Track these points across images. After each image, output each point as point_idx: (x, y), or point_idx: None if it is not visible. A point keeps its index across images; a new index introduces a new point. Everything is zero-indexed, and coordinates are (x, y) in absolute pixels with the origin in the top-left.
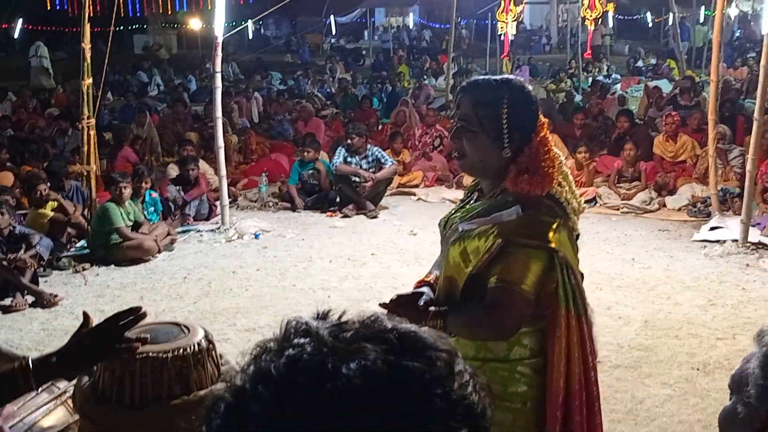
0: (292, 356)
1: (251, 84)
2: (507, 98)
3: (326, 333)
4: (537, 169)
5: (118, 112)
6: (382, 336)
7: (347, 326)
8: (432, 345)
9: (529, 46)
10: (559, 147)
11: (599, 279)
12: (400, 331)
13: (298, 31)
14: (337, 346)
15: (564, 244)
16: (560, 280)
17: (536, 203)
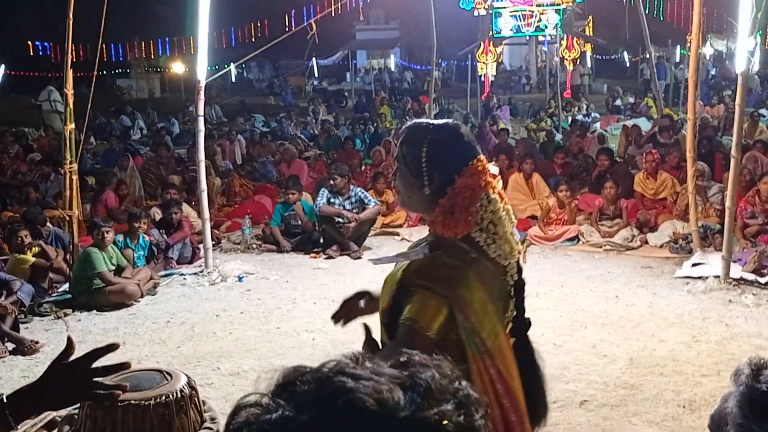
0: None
1: (234, 126)
2: (429, 138)
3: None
4: (453, 212)
5: (101, 156)
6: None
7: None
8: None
9: (509, 86)
10: (541, 185)
11: (583, 317)
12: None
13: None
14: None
15: (472, 291)
16: (458, 323)
17: (447, 245)
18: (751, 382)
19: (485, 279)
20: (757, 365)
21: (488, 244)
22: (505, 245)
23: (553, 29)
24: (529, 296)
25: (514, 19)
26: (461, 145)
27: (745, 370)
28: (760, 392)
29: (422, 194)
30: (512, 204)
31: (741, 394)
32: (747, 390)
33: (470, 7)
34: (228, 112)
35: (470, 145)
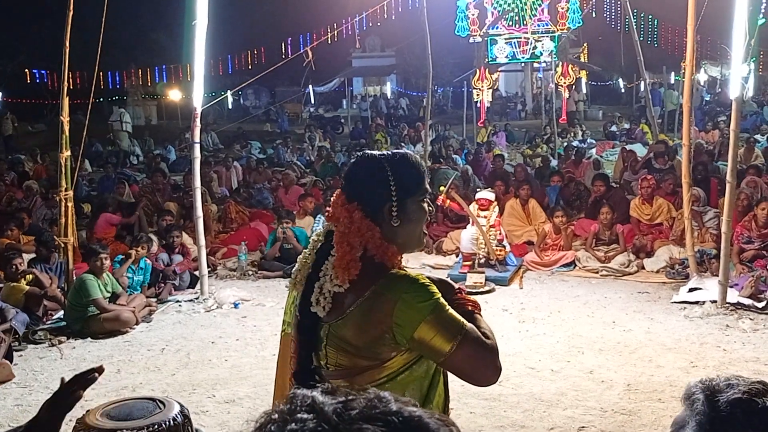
0: (293, 431)
1: (231, 153)
2: (389, 168)
3: (330, 410)
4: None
5: (97, 183)
6: (385, 418)
7: (353, 404)
8: (435, 431)
9: (504, 112)
10: (537, 211)
11: (580, 342)
12: (403, 415)
13: (277, 100)
14: (339, 426)
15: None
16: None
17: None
18: (709, 411)
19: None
20: (710, 390)
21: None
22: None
23: (549, 56)
24: (526, 322)
25: (510, 46)
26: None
27: (699, 397)
28: (719, 421)
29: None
30: (508, 230)
31: (699, 424)
32: (705, 419)
33: (466, 34)
34: (224, 139)
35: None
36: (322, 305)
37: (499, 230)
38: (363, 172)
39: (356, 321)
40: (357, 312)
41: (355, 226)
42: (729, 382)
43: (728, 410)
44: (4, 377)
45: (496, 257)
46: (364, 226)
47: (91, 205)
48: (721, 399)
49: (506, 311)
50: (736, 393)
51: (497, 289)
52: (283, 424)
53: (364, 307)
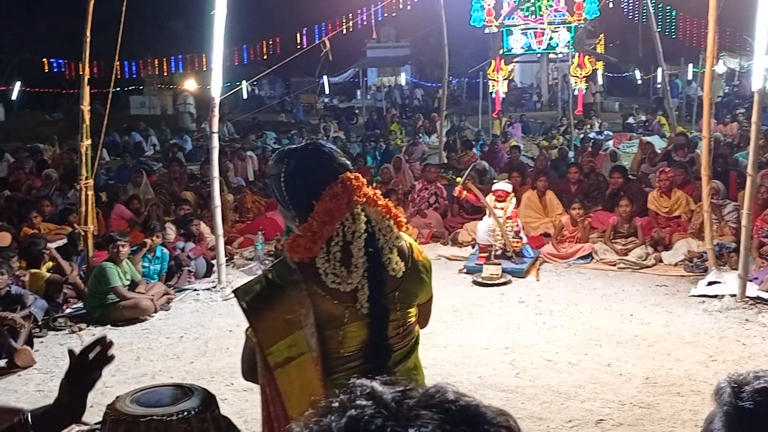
0: (353, 416)
1: (246, 143)
2: (284, 170)
3: (389, 398)
4: (299, 238)
5: (114, 172)
6: (443, 406)
7: (411, 393)
8: (492, 421)
9: (520, 103)
10: (554, 203)
11: (598, 335)
12: (461, 404)
13: (291, 91)
14: (398, 412)
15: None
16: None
17: (280, 264)
18: (734, 400)
19: (304, 302)
20: (737, 382)
21: (326, 273)
22: (342, 270)
23: (565, 47)
24: (543, 314)
25: (525, 37)
26: (317, 168)
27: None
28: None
29: (295, 224)
30: (525, 222)
31: (726, 414)
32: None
33: (481, 24)
34: (240, 129)
35: (331, 164)
36: (399, 265)
37: (515, 222)
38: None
39: (415, 266)
40: (412, 258)
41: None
42: (757, 375)
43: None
44: (26, 363)
45: (513, 249)
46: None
47: (107, 193)
48: (747, 389)
49: (523, 303)
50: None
51: (513, 280)
52: (344, 410)
53: (413, 250)
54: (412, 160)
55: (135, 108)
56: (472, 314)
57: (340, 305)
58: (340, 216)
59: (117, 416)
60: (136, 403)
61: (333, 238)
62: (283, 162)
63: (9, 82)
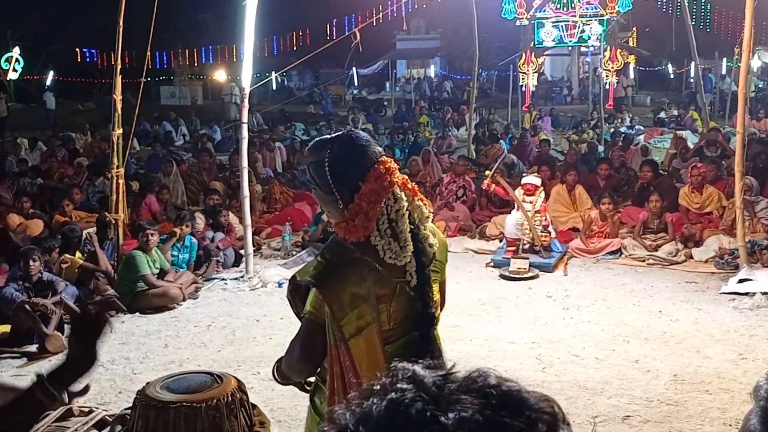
0: (394, 400)
1: (275, 134)
2: (328, 155)
3: (430, 382)
4: (354, 218)
5: (144, 162)
6: (484, 391)
7: (452, 378)
8: (534, 406)
9: (550, 97)
10: (583, 197)
11: (626, 331)
12: (502, 388)
13: (320, 82)
14: (439, 396)
15: (341, 284)
16: (325, 311)
17: (334, 245)
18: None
19: (365, 277)
20: None
21: (383, 249)
22: (396, 245)
23: (596, 40)
24: (570, 309)
25: (557, 30)
26: (359, 153)
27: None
28: None
29: (339, 208)
30: (553, 216)
31: (762, 409)
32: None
33: (512, 17)
34: (269, 120)
35: (369, 149)
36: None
37: (544, 216)
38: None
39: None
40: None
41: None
42: None
43: None
44: (57, 348)
45: (541, 243)
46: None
47: (139, 183)
48: None
49: (550, 297)
50: None
51: (541, 275)
52: (385, 393)
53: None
54: (440, 153)
55: (165, 98)
56: (498, 308)
57: (393, 279)
58: (385, 195)
59: (147, 402)
60: (166, 390)
61: (380, 217)
62: (325, 148)
63: (43, 72)
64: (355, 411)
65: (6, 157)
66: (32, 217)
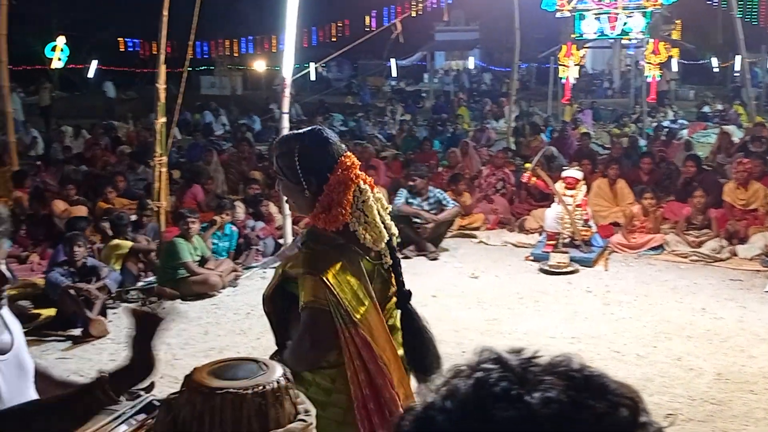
0: (480, 378)
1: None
2: (298, 147)
3: (516, 363)
4: (330, 208)
5: (185, 151)
6: (568, 374)
7: (536, 361)
8: (616, 391)
9: (590, 90)
10: (625, 192)
11: (668, 328)
12: (585, 373)
13: (359, 73)
14: (524, 376)
15: (336, 270)
16: (327, 299)
17: (317, 235)
18: None
19: (353, 261)
20: None
21: (363, 234)
22: (374, 231)
23: (639, 33)
24: (611, 304)
25: (598, 22)
26: (327, 147)
27: None
28: None
29: (305, 197)
30: (594, 210)
31: None
32: None
33: (553, 8)
34: (307, 111)
35: (336, 145)
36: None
37: (585, 210)
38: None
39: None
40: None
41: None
42: None
43: None
44: (100, 333)
45: (582, 237)
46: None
47: (180, 171)
48: None
49: (590, 293)
50: None
51: (581, 270)
52: (471, 372)
53: None
54: (479, 146)
55: (205, 88)
56: (537, 302)
57: (371, 262)
58: (353, 186)
59: (194, 388)
60: (213, 376)
61: (351, 207)
62: (295, 141)
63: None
64: (440, 389)
65: (51, 145)
66: (76, 204)
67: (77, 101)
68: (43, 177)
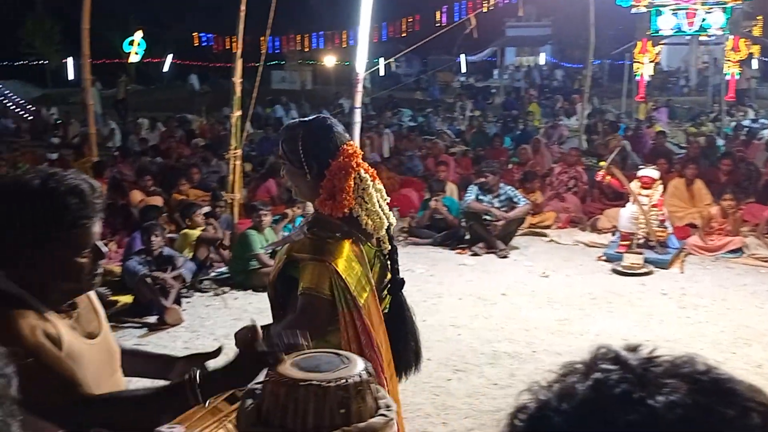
0: (599, 379)
1: (382, 120)
2: (302, 133)
3: (636, 364)
4: (335, 195)
5: (256, 144)
6: (693, 376)
7: (658, 361)
8: (747, 396)
9: (665, 87)
10: (703, 192)
11: (748, 334)
12: (712, 376)
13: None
14: (645, 378)
15: (344, 256)
16: (334, 285)
17: (323, 222)
18: None
19: (356, 247)
20: None
21: (366, 220)
22: (375, 218)
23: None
24: (687, 308)
25: (675, 18)
26: (330, 134)
27: None
28: None
29: (306, 182)
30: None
31: None
32: None
33: (628, 4)
34: (376, 106)
35: (339, 133)
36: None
37: (661, 210)
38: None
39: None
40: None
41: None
42: None
43: None
44: (175, 321)
45: (657, 239)
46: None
47: (252, 164)
48: None
49: (665, 295)
50: None
51: (655, 271)
52: (587, 372)
53: None
54: (550, 143)
55: (276, 82)
56: (610, 303)
57: (372, 248)
58: (354, 173)
59: (278, 379)
60: (296, 367)
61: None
62: (299, 128)
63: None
64: (555, 388)
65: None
66: (153, 195)
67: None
68: (119, 168)
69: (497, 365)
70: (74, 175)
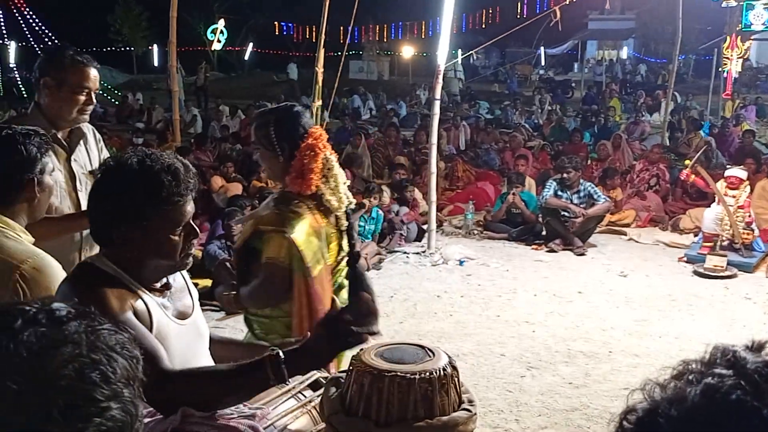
0: (711, 385)
1: (459, 112)
2: (273, 119)
3: (752, 368)
4: (304, 174)
5: (333, 134)
6: None
7: None
8: None
9: (754, 84)
10: None
11: None
12: None
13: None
14: (761, 385)
15: (304, 230)
16: (291, 253)
17: (288, 197)
18: None
19: (315, 222)
20: None
21: (329, 197)
22: (338, 195)
23: None
24: None
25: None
26: (299, 119)
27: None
28: None
29: (279, 163)
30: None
31: None
32: None
33: None
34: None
35: (307, 118)
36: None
37: (748, 212)
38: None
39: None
40: None
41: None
42: None
43: None
44: None
45: (742, 241)
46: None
47: None
48: None
49: (749, 300)
50: None
51: (740, 275)
52: (701, 376)
53: None
54: (631, 139)
55: (354, 72)
56: (691, 306)
57: (331, 225)
58: (322, 153)
59: (363, 368)
60: (380, 358)
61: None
62: (270, 114)
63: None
64: (667, 392)
65: (209, 123)
66: (233, 181)
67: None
68: (195, 154)
69: (572, 364)
70: (169, 155)
